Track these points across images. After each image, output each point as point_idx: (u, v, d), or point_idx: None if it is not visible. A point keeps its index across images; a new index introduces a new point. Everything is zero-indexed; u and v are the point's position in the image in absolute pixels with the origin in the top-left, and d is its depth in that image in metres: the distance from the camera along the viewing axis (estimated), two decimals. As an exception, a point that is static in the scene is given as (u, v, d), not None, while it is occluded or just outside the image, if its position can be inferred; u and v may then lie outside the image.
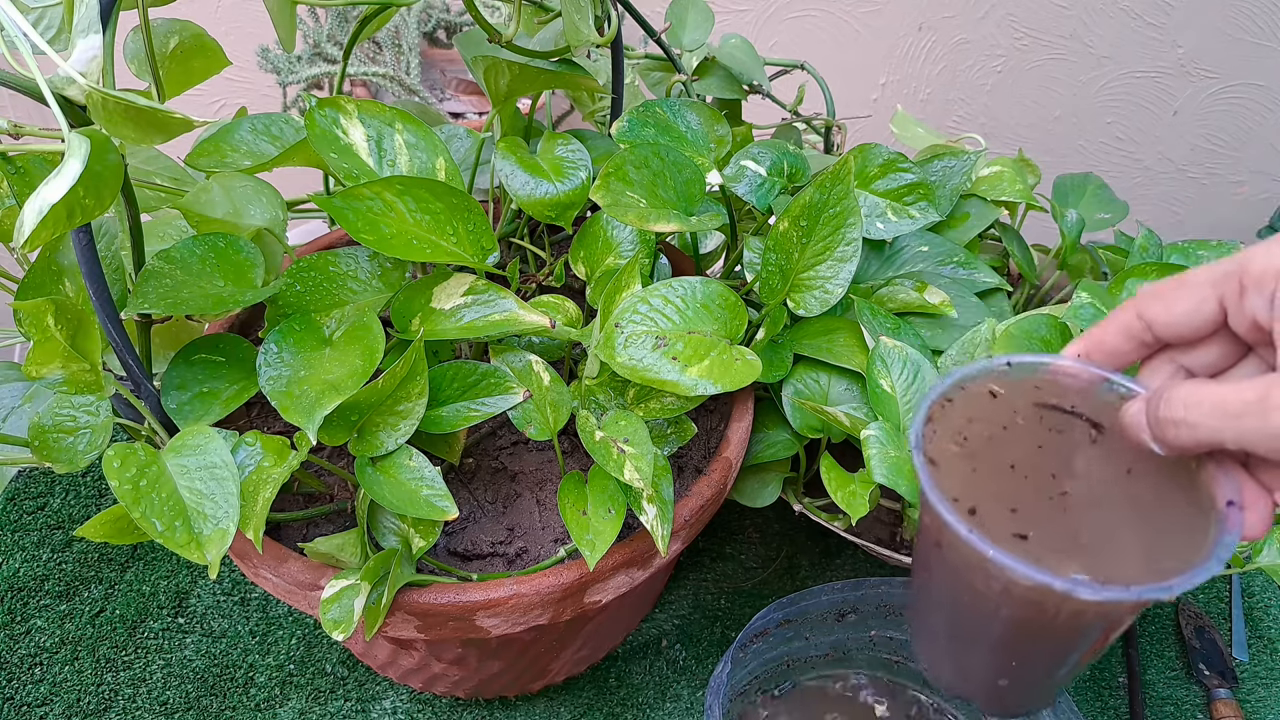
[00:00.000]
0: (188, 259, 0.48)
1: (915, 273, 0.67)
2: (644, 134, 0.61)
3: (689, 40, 0.74)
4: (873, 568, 0.74)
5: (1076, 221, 0.71)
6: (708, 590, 0.72)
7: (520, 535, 0.54)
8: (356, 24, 0.56)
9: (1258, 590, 0.75)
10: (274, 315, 0.51)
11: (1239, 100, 1.32)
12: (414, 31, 1.07)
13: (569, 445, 0.60)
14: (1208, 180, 1.43)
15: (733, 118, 0.78)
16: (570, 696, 0.65)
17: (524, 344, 0.59)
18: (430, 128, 0.54)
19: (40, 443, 0.43)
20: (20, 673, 0.65)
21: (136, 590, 0.71)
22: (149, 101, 0.36)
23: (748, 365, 0.51)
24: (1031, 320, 0.57)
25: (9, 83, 0.36)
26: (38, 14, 0.42)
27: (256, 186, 0.53)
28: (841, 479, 0.56)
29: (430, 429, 0.50)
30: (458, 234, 0.50)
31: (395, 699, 0.65)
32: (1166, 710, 0.66)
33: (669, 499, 0.51)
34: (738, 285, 0.63)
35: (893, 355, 0.57)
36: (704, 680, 0.67)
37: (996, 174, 0.72)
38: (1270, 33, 1.25)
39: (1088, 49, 1.27)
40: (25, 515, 0.75)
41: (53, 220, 0.34)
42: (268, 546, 0.50)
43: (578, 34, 0.55)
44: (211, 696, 0.64)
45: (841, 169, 0.55)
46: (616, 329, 0.51)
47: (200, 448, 0.44)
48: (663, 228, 0.52)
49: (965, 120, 1.35)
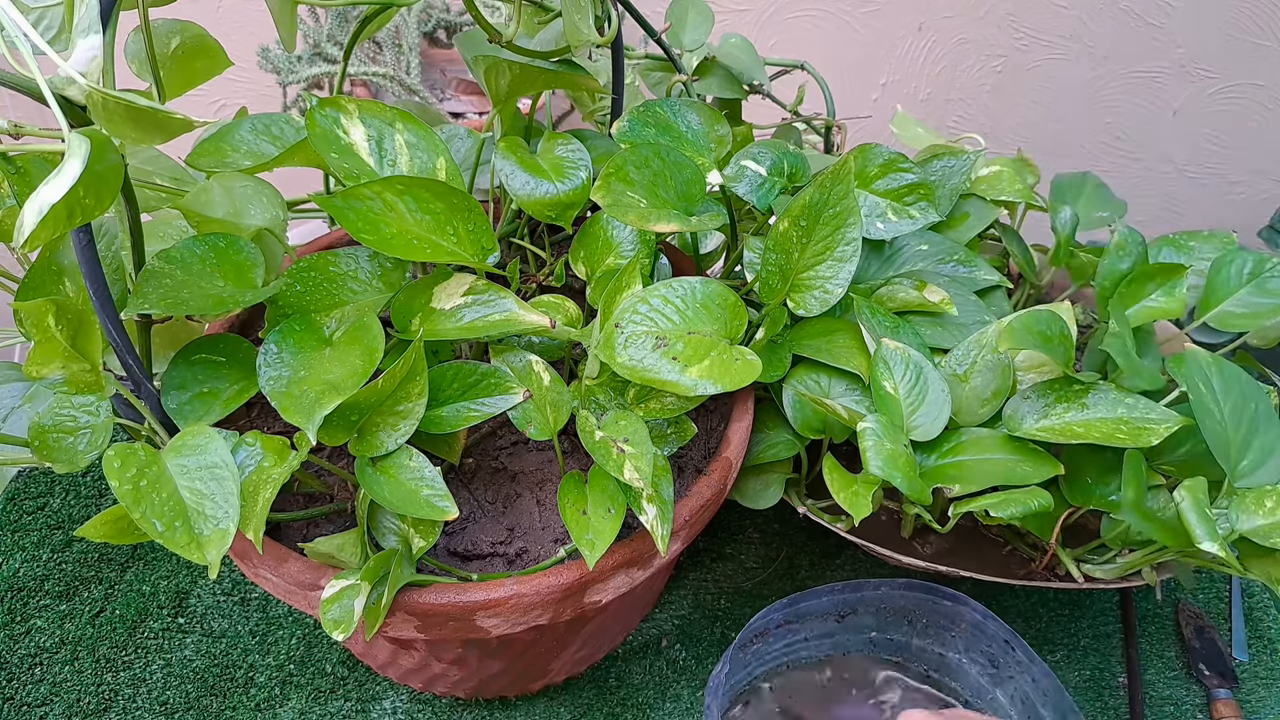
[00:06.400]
0: (188, 259, 0.48)
1: (915, 272, 0.67)
2: (644, 134, 0.61)
3: (689, 40, 0.74)
4: (873, 568, 0.74)
5: (1070, 219, 0.71)
6: (708, 590, 0.72)
7: (520, 535, 0.54)
8: (357, 24, 0.56)
9: (1258, 590, 0.75)
10: (274, 315, 0.51)
11: (1239, 100, 1.32)
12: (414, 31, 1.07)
13: (569, 445, 0.60)
14: (1207, 180, 1.43)
15: (733, 118, 0.78)
16: (570, 696, 0.65)
17: (524, 344, 0.59)
18: (431, 128, 0.54)
19: (40, 443, 0.43)
20: (20, 673, 0.65)
21: (136, 590, 0.71)
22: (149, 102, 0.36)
23: (748, 365, 0.51)
24: (1033, 315, 0.58)
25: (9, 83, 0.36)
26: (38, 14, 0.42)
27: (257, 186, 0.53)
28: (844, 480, 0.56)
29: (430, 429, 0.50)
30: (458, 234, 0.50)
31: (395, 699, 0.65)
32: (1166, 710, 0.66)
33: (669, 499, 0.51)
34: (738, 285, 0.63)
35: (895, 357, 0.57)
36: (704, 680, 0.67)
37: (996, 174, 0.72)
38: (1270, 32, 1.25)
39: (1088, 49, 1.27)
40: (25, 515, 0.75)
41: (53, 220, 0.34)
42: (268, 546, 0.50)
43: (578, 34, 0.55)
44: (211, 696, 0.64)
45: (841, 169, 0.55)
46: (617, 329, 0.51)
47: (200, 448, 0.44)
48: (663, 228, 0.52)
49: (965, 120, 1.35)
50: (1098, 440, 0.55)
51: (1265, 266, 0.67)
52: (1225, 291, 0.67)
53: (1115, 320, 0.61)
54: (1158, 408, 0.56)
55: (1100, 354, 0.64)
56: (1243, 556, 0.55)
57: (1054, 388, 0.58)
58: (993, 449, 0.57)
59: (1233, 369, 0.57)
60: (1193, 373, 0.56)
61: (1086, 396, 0.57)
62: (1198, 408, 0.54)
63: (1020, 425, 0.57)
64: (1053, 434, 0.56)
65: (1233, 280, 0.67)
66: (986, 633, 0.59)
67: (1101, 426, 0.56)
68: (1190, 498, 0.52)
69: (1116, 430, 0.55)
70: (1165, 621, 0.72)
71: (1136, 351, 0.59)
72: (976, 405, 0.60)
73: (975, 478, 0.55)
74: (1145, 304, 0.66)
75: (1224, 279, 0.68)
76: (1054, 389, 0.58)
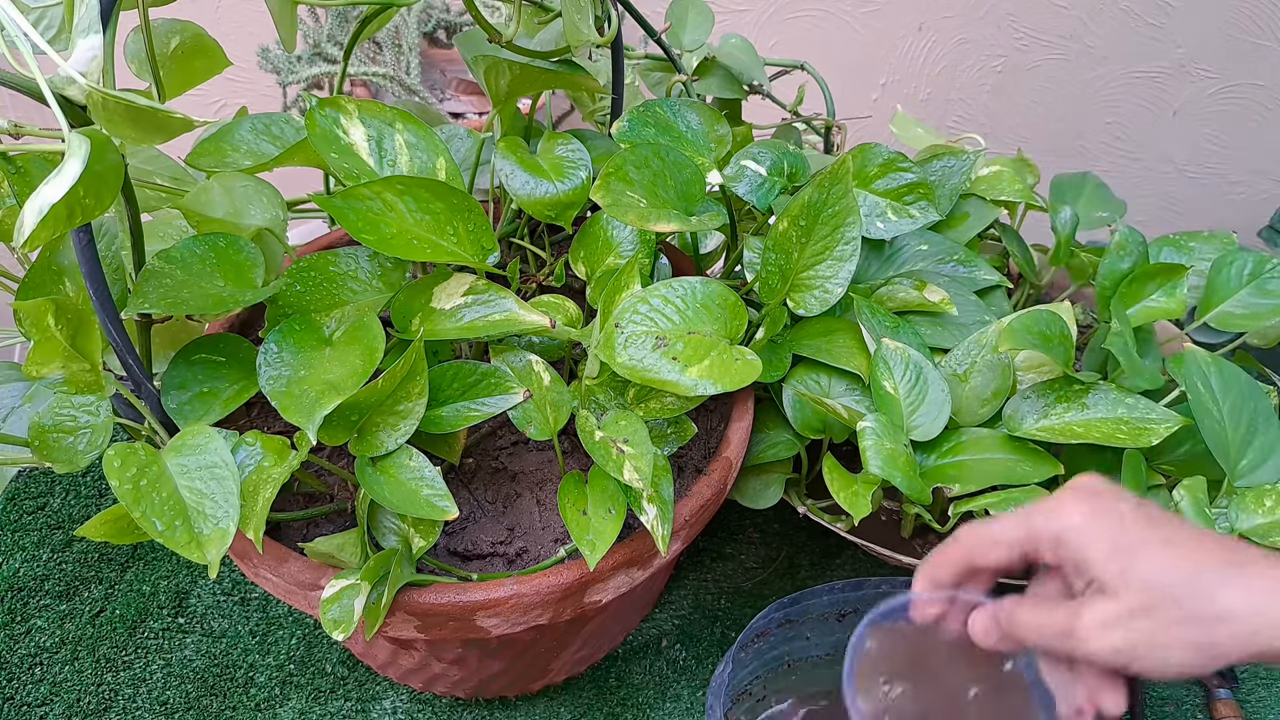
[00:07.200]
0: (188, 259, 0.48)
1: (915, 271, 0.67)
2: (644, 134, 0.61)
3: (689, 40, 0.74)
4: (873, 567, 0.74)
5: (1070, 219, 0.71)
6: (708, 590, 0.72)
7: (520, 535, 0.54)
8: (357, 24, 0.56)
9: (1258, 590, 0.75)
10: (274, 315, 0.51)
11: (1239, 100, 1.32)
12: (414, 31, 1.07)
13: (569, 445, 0.60)
14: (1207, 180, 1.43)
15: (733, 118, 0.78)
16: (570, 696, 0.65)
17: (524, 344, 0.59)
18: (430, 128, 0.54)
19: (40, 443, 0.43)
20: (20, 673, 0.65)
21: (136, 590, 0.71)
22: (149, 101, 0.36)
23: (748, 365, 0.51)
24: (1033, 315, 0.58)
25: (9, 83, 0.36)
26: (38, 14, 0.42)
27: (257, 186, 0.53)
28: (844, 479, 0.56)
29: (430, 429, 0.50)
30: (458, 234, 0.50)
31: (395, 699, 0.65)
32: (1166, 710, 0.66)
33: (669, 499, 0.51)
34: (738, 285, 0.63)
35: (895, 357, 0.57)
36: (704, 680, 0.67)
37: (996, 174, 0.72)
38: (1270, 33, 1.25)
39: (1088, 49, 1.27)
40: (25, 515, 0.75)
41: (53, 220, 0.34)
42: (268, 546, 0.50)
43: (578, 34, 0.55)
44: (211, 696, 0.64)
45: (840, 168, 0.55)
46: (616, 329, 0.51)
47: (200, 447, 0.44)
48: (663, 228, 0.52)
49: (965, 120, 1.35)
50: (1098, 440, 0.55)
51: (1265, 267, 0.67)
52: (1226, 292, 0.67)
53: (1117, 319, 0.61)
54: (1158, 408, 0.56)
55: (1100, 354, 0.64)
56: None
57: (1054, 388, 0.58)
58: (993, 449, 0.57)
59: (1232, 369, 0.57)
60: (1192, 372, 0.56)
61: (1086, 396, 0.57)
62: (1197, 407, 0.54)
63: (1020, 425, 0.57)
64: (1053, 434, 0.56)
65: (1233, 281, 0.67)
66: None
67: (1101, 426, 0.56)
68: (1190, 497, 0.52)
69: (1116, 430, 0.55)
70: (1165, 621, 0.72)
71: (1137, 351, 0.59)
72: (976, 405, 0.60)
73: (975, 477, 0.55)
74: (1146, 304, 0.66)
75: (1224, 279, 0.68)
76: (1054, 389, 0.58)
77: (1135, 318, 0.65)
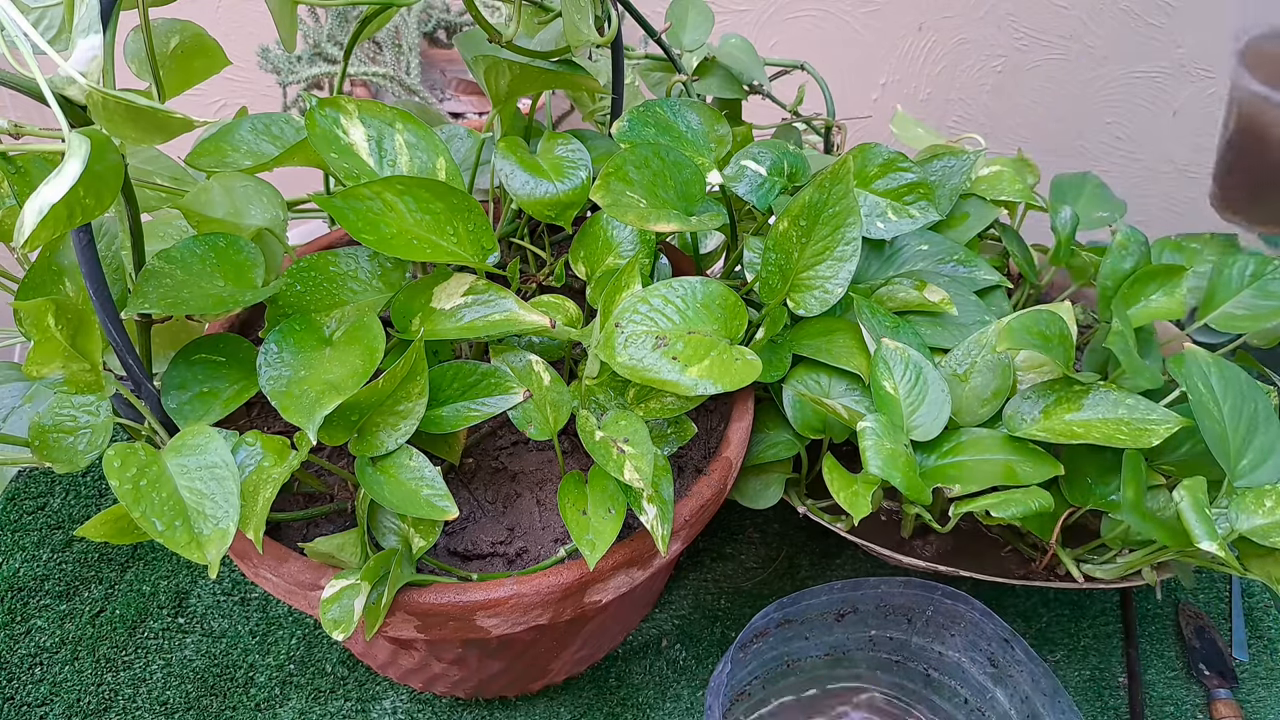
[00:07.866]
0: (188, 259, 0.48)
1: (915, 271, 0.67)
2: (644, 134, 0.61)
3: (689, 40, 0.74)
4: (873, 568, 0.74)
5: (1070, 219, 0.71)
6: (708, 590, 0.72)
7: (520, 535, 0.54)
8: (357, 24, 0.56)
9: (1258, 590, 0.75)
10: (274, 315, 0.51)
11: (1239, 100, 1.32)
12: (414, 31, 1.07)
13: (569, 445, 0.60)
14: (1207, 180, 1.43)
15: (733, 118, 0.78)
16: (570, 696, 0.65)
17: (524, 344, 0.59)
18: (430, 128, 0.54)
19: (40, 443, 0.43)
20: (20, 673, 0.65)
21: (136, 590, 0.71)
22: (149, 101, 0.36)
23: (748, 365, 0.51)
24: (1033, 315, 0.58)
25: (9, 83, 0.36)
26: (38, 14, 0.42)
27: (257, 186, 0.53)
28: (844, 480, 0.56)
29: (430, 429, 0.50)
30: (458, 234, 0.50)
31: (395, 699, 0.65)
32: (1166, 710, 0.66)
33: (669, 499, 0.51)
34: (738, 285, 0.63)
35: (895, 357, 0.57)
36: (704, 680, 0.67)
37: (996, 174, 0.72)
38: (1270, 33, 1.25)
39: (1088, 49, 1.27)
40: (25, 515, 0.76)
41: (53, 220, 0.34)
42: (268, 546, 0.50)
43: (578, 34, 0.55)
44: (211, 696, 0.64)
45: (840, 168, 0.55)
46: (617, 329, 0.51)
47: (200, 447, 0.44)
48: (663, 228, 0.52)
49: (965, 120, 1.35)
50: (1098, 441, 0.55)
51: (1266, 268, 0.67)
52: (1227, 293, 0.67)
53: (1118, 319, 0.61)
54: (1158, 408, 0.56)
55: (1101, 354, 0.64)
56: (1242, 556, 0.55)
57: (1054, 388, 0.58)
58: (993, 449, 0.57)
59: (1232, 369, 0.57)
60: (1192, 372, 0.56)
61: (1086, 397, 0.57)
62: (1197, 407, 0.54)
63: (1020, 425, 0.57)
64: (1053, 434, 0.56)
65: (1234, 282, 0.67)
66: (986, 632, 0.59)
67: (1102, 427, 0.56)
68: (1190, 497, 0.52)
69: (1117, 431, 0.55)
70: (1165, 621, 0.72)
71: (1138, 351, 0.59)
72: (976, 405, 0.60)
73: (975, 478, 0.55)
74: (1146, 304, 0.66)
75: (1225, 281, 0.68)
76: (1054, 389, 0.58)
77: (1135, 318, 0.65)
